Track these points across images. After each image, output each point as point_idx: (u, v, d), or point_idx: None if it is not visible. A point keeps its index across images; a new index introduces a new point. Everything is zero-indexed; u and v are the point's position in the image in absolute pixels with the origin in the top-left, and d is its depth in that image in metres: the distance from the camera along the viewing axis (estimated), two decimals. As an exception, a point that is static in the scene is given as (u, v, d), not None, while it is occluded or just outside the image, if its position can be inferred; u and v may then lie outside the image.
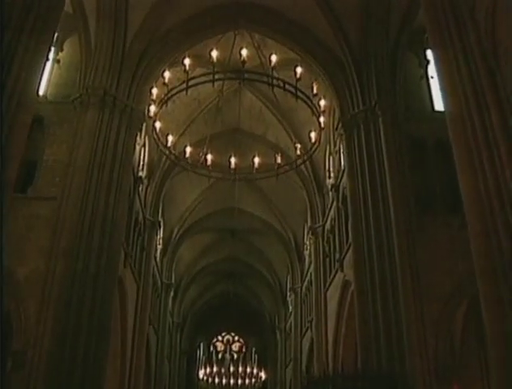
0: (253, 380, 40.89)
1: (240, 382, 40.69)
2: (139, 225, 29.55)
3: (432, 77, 23.88)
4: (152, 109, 17.73)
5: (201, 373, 42.11)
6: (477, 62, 11.85)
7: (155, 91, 17.80)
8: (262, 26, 24.24)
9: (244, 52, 16.57)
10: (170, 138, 18.88)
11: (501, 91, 11.10)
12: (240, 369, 41.47)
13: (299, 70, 16.48)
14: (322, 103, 17.80)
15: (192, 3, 23.28)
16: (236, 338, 59.61)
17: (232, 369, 41.91)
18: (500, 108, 11.02)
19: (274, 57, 16.69)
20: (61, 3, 14.23)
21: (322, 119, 17.57)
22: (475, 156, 11.30)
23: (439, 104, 22.28)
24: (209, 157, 19.80)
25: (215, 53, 16.48)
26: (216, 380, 40.94)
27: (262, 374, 41.88)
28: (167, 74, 17.06)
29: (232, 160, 20.38)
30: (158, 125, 18.27)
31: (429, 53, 23.34)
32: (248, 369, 41.15)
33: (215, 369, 41.65)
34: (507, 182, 10.42)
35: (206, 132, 24.30)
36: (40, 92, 21.41)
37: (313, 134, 18.34)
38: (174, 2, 22.86)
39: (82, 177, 19.58)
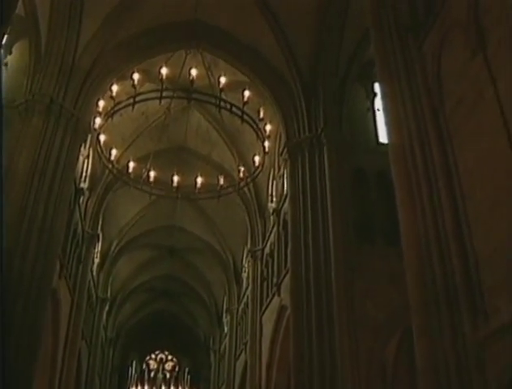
0: (186, 400, 40.72)
1: (172, 401, 40.49)
2: (77, 237, 29.13)
3: (378, 110, 24.12)
4: (98, 121, 17.62)
5: (132, 391, 41.75)
6: (422, 100, 12.13)
7: (101, 103, 17.72)
8: (215, 47, 24.25)
9: (193, 71, 16.65)
10: (114, 152, 18.80)
11: (443, 129, 11.36)
12: (172, 388, 41.22)
13: (247, 93, 16.67)
14: (268, 128, 17.97)
15: (146, 19, 23.23)
16: (170, 357, 59.02)
17: (164, 388, 41.63)
18: (441, 145, 11.27)
19: (223, 79, 16.83)
20: (13, 5, 14.03)
21: (266, 144, 17.75)
22: (415, 190, 11.53)
23: (384, 137, 22.43)
24: (152, 174, 19.76)
25: (164, 71, 16.50)
26: (148, 399, 40.64)
27: (195, 395, 41.72)
28: (114, 88, 16.99)
29: (175, 178, 20.35)
30: (102, 138, 18.19)
31: (377, 87, 23.61)
32: (180, 389, 40.97)
33: (146, 387, 41.47)
34: (444, 217, 10.63)
35: (151, 148, 24.21)
36: (-16, 95, 21.08)
37: (257, 158, 18.47)
38: (128, 15, 22.77)
39: (22, 183, 19.18)
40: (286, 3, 22.77)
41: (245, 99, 16.62)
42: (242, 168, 20.25)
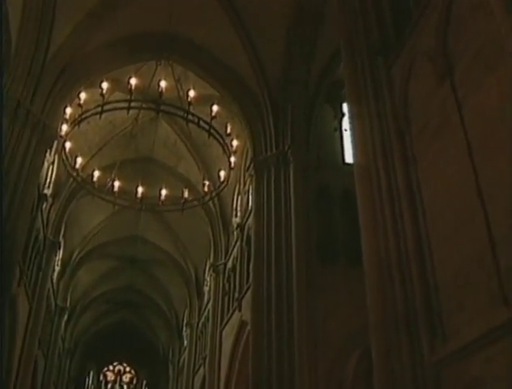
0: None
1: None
2: (39, 244, 28.79)
3: (346, 130, 24.17)
4: (65, 127, 17.49)
5: (88, 402, 41.34)
6: (389, 123, 12.20)
7: (69, 110, 17.60)
8: (186, 59, 24.25)
9: (163, 83, 16.63)
10: (79, 159, 18.67)
11: (409, 152, 11.45)
12: (129, 401, 40.94)
13: (215, 108, 16.73)
14: (235, 143, 18.03)
15: (118, 28, 23.08)
16: (128, 369, 58.57)
17: (121, 400, 41.33)
18: (406, 168, 11.35)
19: (192, 93, 16.84)
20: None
21: (232, 159, 17.79)
22: (378, 211, 11.58)
23: (350, 157, 22.51)
24: (116, 184, 19.66)
25: (133, 81, 16.46)
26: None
27: (151, 408, 41.44)
28: (83, 96, 16.89)
29: (140, 189, 20.26)
30: (68, 145, 18.08)
31: (345, 107, 23.71)
32: (137, 402, 40.66)
33: (103, 399, 40.95)
34: (406, 239, 10.70)
35: (118, 157, 24.04)
36: (-51, 97, 20.80)
37: (222, 173, 18.49)
38: (100, 23, 22.59)
39: (-16, 187, 18.92)
40: (258, 19, 22.84)
41: (213, 113, 16.67)
42: (207, 182, 20.27)
